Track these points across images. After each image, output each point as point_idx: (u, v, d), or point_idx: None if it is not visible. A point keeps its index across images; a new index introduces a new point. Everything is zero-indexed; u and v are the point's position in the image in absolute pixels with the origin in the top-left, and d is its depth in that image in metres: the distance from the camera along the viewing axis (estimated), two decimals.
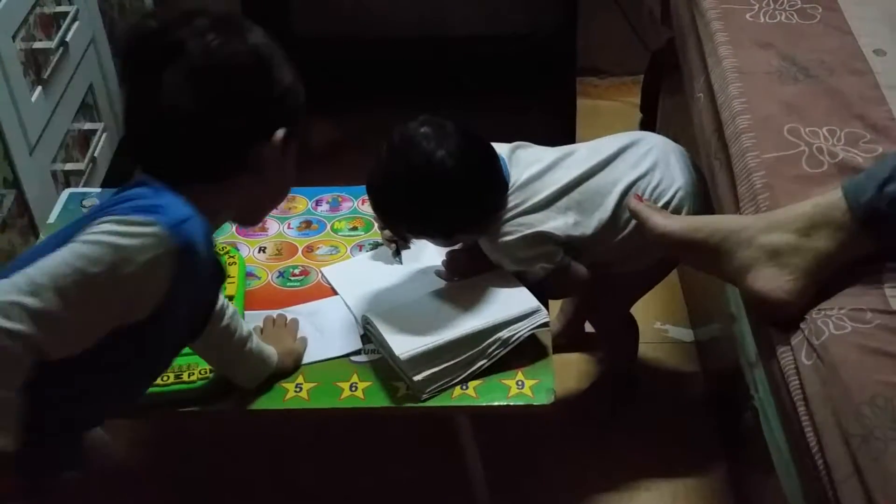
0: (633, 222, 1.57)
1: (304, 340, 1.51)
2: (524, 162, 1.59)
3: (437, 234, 1.57)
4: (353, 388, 1.46)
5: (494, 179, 1.55)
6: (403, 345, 1.43)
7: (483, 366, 1.47)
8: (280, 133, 1.10)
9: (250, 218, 1.24)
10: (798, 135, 1.41)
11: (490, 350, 1.47)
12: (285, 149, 1.12)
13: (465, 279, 1.59)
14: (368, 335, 1.52)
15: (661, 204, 1.58)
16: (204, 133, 1.06)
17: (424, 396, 1.44)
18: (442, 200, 1.49)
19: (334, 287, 1.64)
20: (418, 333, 1.45)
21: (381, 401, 1.45)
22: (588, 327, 2.04)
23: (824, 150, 1.38)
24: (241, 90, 1.07)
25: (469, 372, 1.47)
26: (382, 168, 1.50)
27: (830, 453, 1.11)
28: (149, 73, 1.05)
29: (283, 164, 1.13)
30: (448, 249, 1.63)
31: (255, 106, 1.09)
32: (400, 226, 1.57)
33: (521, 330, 1.48)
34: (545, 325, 1.51)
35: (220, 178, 1.09)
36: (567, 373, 2.02)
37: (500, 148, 1.60)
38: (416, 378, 1.42)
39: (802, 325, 1.21)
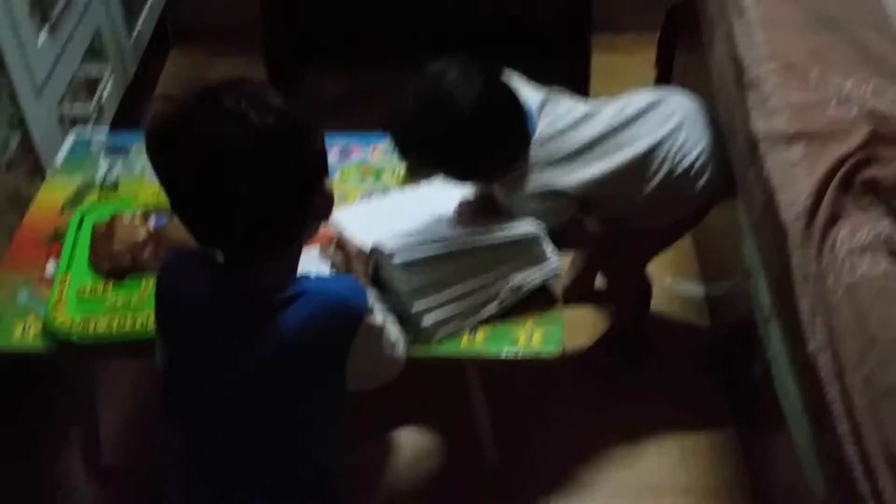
0: (657, 180, 1.54)
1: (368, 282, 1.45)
2: (552, 115, 1.56)
3: (449, 177, 1.54)
4: None
5: (516, 132, 1.52)
6: (402, 254, 1.41)
7: (493, 312, 1.45)
8: (328, 180, 1.17)
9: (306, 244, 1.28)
10: (825, 82, 1.37)
11: (500, 296, 1.45)
12: (331, 199, 1.19)
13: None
14: (378, 276, 1.49)
15: (684, 166, 1.56)
16: (282, 205, 1.10)
17: (434, 342, 1.42)
18: (458, 147, 1.46)
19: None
20: (419, 244, 1.43)
21: None
22: (598, 282, 2.03)
23: (852, 97, 1.34)
24: (296, 155, 1.11)
25: (478, 317, 1.45)
26: (404, 104, 1.47)
27: (848, 406, 1.09)
28: (205, 169, 1.06)
29: (331, 211, 1.20)
30: (460, 199, 1.60)
31: (309, 163, 1.14)
32: (413, 161, 1.53)
33: (533, 277, 1.46)
34: (557, 274, 1.49)
35: (299, 235, 1.17)
36: (576, 328, 2.00)
37: (533, 95, 1.57)
38: (424, 318, 1.40)
39: (827, 266, 1.18)
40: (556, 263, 1.49)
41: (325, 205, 1.17)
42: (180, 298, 1.21)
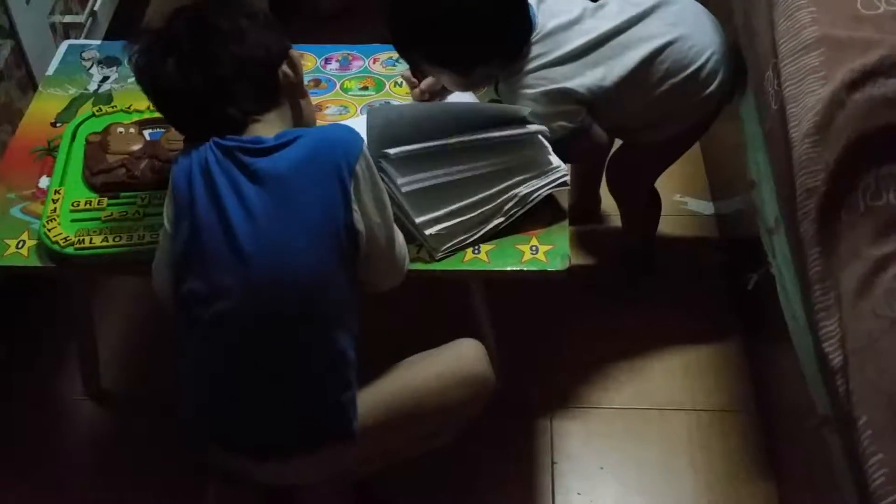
0: (666, 84, 1.50)
1: None
2: (551, 11, 1.50)
3: (454, 66, 1.48)
4: None
5: (522, 15, 1.47)
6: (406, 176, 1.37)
7: (500, 225, 1.42)
8: (292, 50, 1.34)
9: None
10: None
11: (507, 207, 1.41)
12: (297, 63, 1.36)
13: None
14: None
15: (694, 67, 1.51)
16: (257, 70, 1.30)
17: (438, 255, 1.39)
18: (466, 25, 1.41)
19: None
20: (425, 168, 1.39)
21: None
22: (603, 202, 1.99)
23: None
24: (263, 33, 1.32)
25: (484, 231, 1.42)
26: None
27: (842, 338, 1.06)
28: (197, 54, 1.27)
29: (300, 75, 1.36)
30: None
31: (272, 37, 1.33)
32: (418, 52, 1.48)
33: (540, 187, 1.42)
34: (564, 184, 1.45)
35: (277, 101, 1.33)
36: (582, 245, 1.97)
37: None
38: (428, 232, 1.37)
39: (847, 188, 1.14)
40: (563, 171, 1.45)
41: (293, 68, 1.34)
42: (190, 179, 1.25)
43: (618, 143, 1.75)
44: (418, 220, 1.38)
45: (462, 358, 1.37)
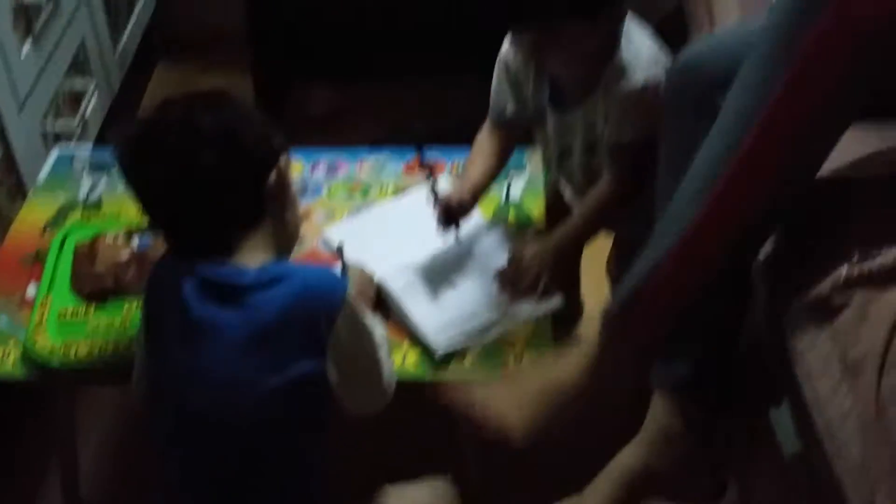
0: None
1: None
2: None
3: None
4: None
5: None
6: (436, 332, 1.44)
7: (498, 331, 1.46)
8: (282, 159, 1.25)
9: (287, 247, 1.32)
10: None
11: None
12: (286, 174, 1.27)
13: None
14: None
15: None
16: (238, 186, 1.21)
17: (440, 353, 1.42)
18: None
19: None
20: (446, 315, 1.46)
21: None
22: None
23: None
24: (246, 143, 1.21)
25: (485, 338, 1.46)
26: None
27: None
28: (175, 162, 1.18)
29: (288, 188, 1.28)
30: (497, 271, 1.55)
31: (260, 151, 1.23)
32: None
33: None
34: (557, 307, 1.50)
35: (260, 218, 1.23)
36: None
37: None
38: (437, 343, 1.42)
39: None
40: (559, 300, 1.50)
41: (280, 179, 1.24)
42: (163, 302, 1.23)
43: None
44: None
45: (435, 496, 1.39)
